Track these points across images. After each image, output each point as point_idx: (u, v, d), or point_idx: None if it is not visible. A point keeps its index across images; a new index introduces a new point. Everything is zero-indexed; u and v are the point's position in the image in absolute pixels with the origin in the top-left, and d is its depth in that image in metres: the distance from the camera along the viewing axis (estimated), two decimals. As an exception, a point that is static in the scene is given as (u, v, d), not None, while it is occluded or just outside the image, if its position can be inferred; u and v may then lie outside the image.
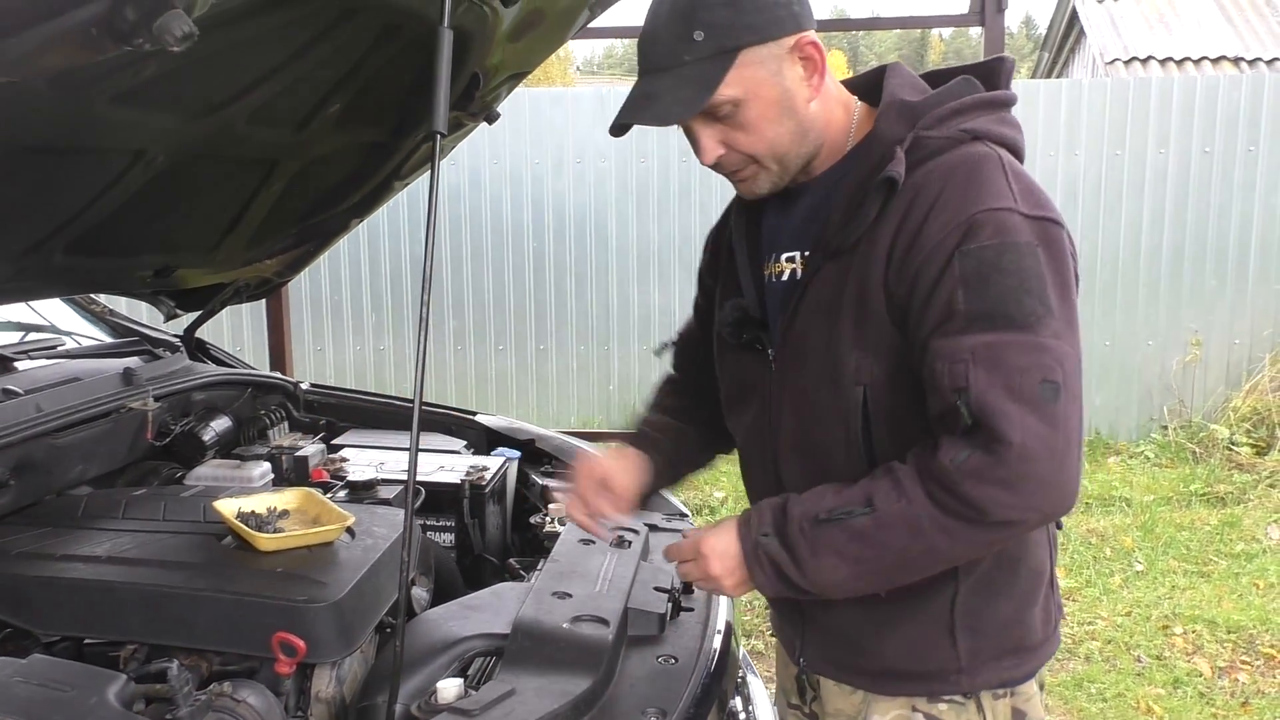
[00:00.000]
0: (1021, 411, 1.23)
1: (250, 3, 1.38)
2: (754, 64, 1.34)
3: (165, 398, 2.39)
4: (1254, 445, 6.35)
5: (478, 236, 6.79)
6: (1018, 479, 1.24)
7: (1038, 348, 1.24)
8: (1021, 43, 51.23)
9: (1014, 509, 1.26)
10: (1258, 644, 4.12)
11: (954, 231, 1.27)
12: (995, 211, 1.27)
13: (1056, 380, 1.24)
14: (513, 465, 2.64)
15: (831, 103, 1.44)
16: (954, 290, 1.27)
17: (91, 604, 1.64)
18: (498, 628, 1.74)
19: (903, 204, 1.33)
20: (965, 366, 1.25)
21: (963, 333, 1.26)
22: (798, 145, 1.41)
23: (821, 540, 1.33)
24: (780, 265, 1.50)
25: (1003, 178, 1.31)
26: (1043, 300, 1.25)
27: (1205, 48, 10.80)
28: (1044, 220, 1.30)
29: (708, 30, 1.32)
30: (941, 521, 1.28)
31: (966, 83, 1.43)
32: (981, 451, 1.24)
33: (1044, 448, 1.23)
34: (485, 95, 2.38)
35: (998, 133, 1.39)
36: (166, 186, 1.94)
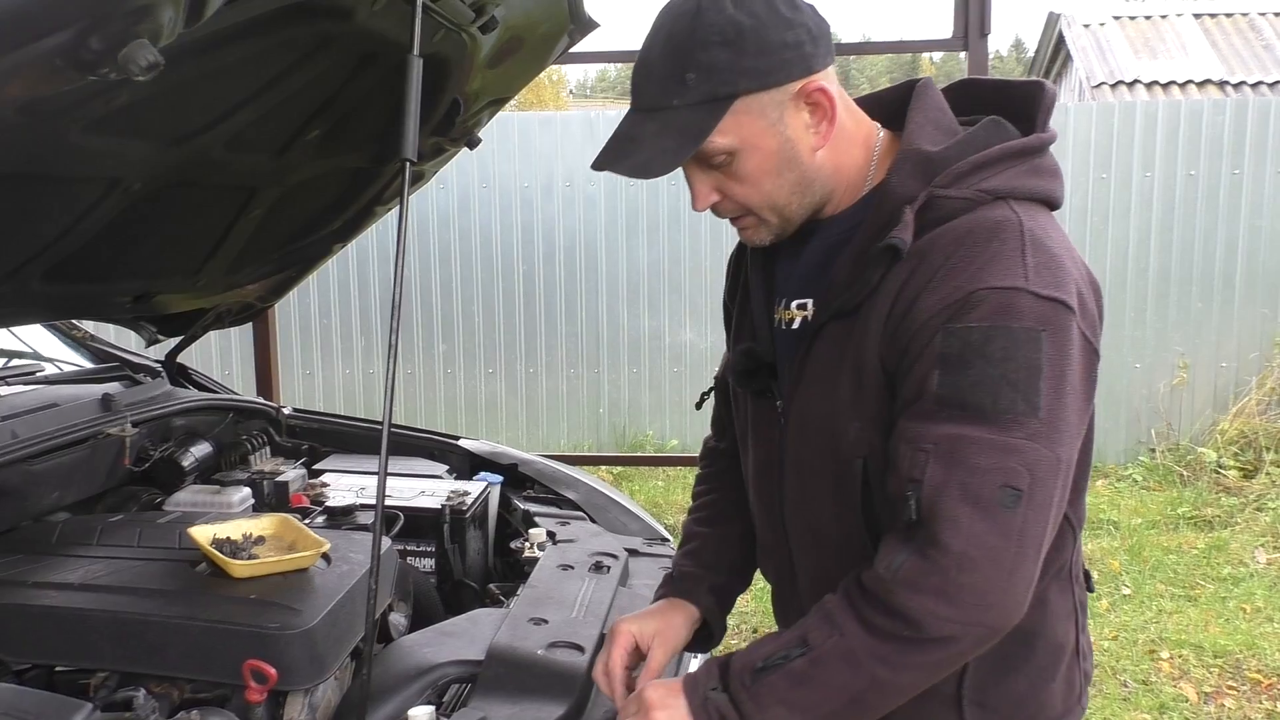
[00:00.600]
0: (972, 516, 1.12)
1: (220, 32, 1.39)
2: (752, 112, 1.22)
3: (144, 423, 2.39)
4: (1241, 468, 6.37)
5: (467, 260, 6.81)
6: (955, 590, 1.13)
7: (1006, 449, 1.12)
8: (1012, 65, 51.60)
9: (950, 623, 1.15)
10: (1244, 669, 4.12)
11: (948, 307, 1.16)
12: (997, 290, 1.14)
13: (1020, 487, 1.12)
14: (495, 490, 2.63)
15: (846, 144, 1.30)
16: (931, 369, 1.16)
17: (62, 631, 1.63)
18: (472, 654, 1.74)
19: (906, 270, 1.21)
20: (925, 456, 1.14)
21: (930, 418, 1.16)
22: (800, 197, 1.30)
23: (764, 691, 1.21)
24: (791, 312, 1.39)
25: (1018, 250, 1.17)
26: (1027, 396, 1.13)
27: (1191, 71, 10.90)
28: (1056, 303, 1.15)
29: (701, 73, 1.19)
30: (876, 649, 1.17)
31: (995, 126, 1.29)
32: (917, 557, 1.14)
33: (988, 558, 1.12)
34: (466, 121, 2.39)
35: (1027, 187, 1.24)
36: (144, 213, 1.94)
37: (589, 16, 2.22)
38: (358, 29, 1.68)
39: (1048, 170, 1.28)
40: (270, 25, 1.52)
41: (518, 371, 6.96)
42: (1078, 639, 1.41)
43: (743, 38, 1.19)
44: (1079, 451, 1.25)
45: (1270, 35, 11.65)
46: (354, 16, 1.64)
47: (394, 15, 1.69)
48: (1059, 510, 1.19)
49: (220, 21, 1.33)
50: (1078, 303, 1.18)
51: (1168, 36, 11.74)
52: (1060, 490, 1.17)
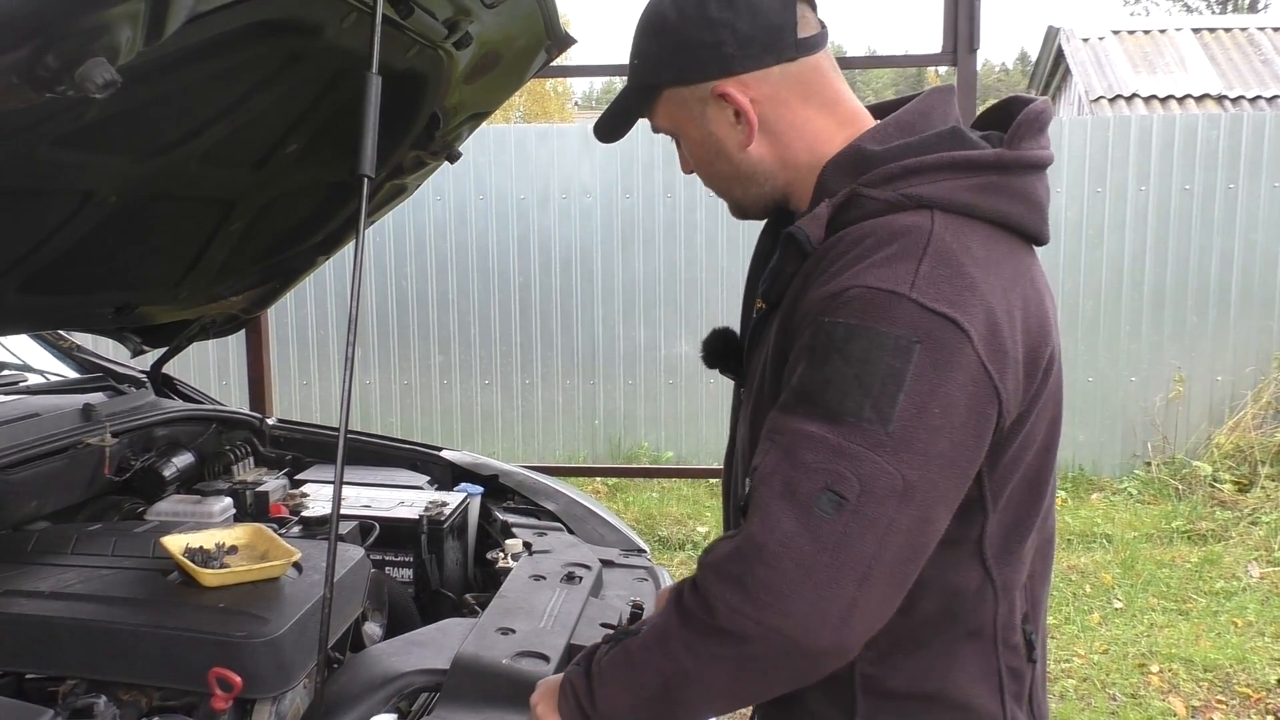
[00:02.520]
0: (784, 512, 1.06)
1: (187, 49, 1.41)
2: (675, 102, 1.28)
3: (125, 433, 2.40)
4: (1236, 482, 6.36)
5: (464, 271, 6.83)
6: (751, 582, 1.06)
7: (838, 451, 1.05)
8: (1017, 78, 51.63)
9: (742, 617, 1.06)
10: (1234, 683, 4.11)
11: (826, 301, 1.11)
12: (872, 290, 1.08)
13: (844, 495, 1.04)
14: (475, 501, 2.65)
15: (804, 140, 1.27)
16: (798, 362, 1.13)
17: (31, 639, 1.65)
18: (439, 663, 1.75)
19: (810, 265, 1.19)
20: (770, 446, 1.11)
21: (786, 410, 1.12)
22: (741, 185, 1.31)
23: (606, 667, 1.20)
24: (760, 302, 1.36)
25: (914, 257, 1.09)
26: (879, 405, 1.05)
27: (1190, 86, 10.91)
28: (943, 318, 1.07)
29: (639, 60, 1.29)
30: (680, 633, 1.13)
31: (952, 135, 1.22)
32: (728, 542, 1.10)
33: (794, 560, 1.04)
34: (446, 135, 2.41)
35: (965, 202, 1.15)
36: (121, 226, 1.96)
37: (566, 33, 2.25)
38: (327, 46, 1.71)
39: (1008, 191, 1.18)
40: (238, 43, 1.55)
41: (514, 383, 6.98)
42: (1005, 709, 1.25)
43: (664, 32, 1.25)
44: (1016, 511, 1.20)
45: (1269, 50, 11.66)
46: (323, 34, 1.66)
47: (363, 32, 1.71)
48: (917, 543, 1.08)
49: (185, 39, 1.35)
50: (983, 330, 1.08)
51: (1166, 51, 11.76)
52: (913, 520, 1.07)
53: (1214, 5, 27.52)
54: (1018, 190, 1.19)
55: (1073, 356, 6.77)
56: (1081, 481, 6.76)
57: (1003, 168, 1.18)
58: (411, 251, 6.81)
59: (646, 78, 1.29)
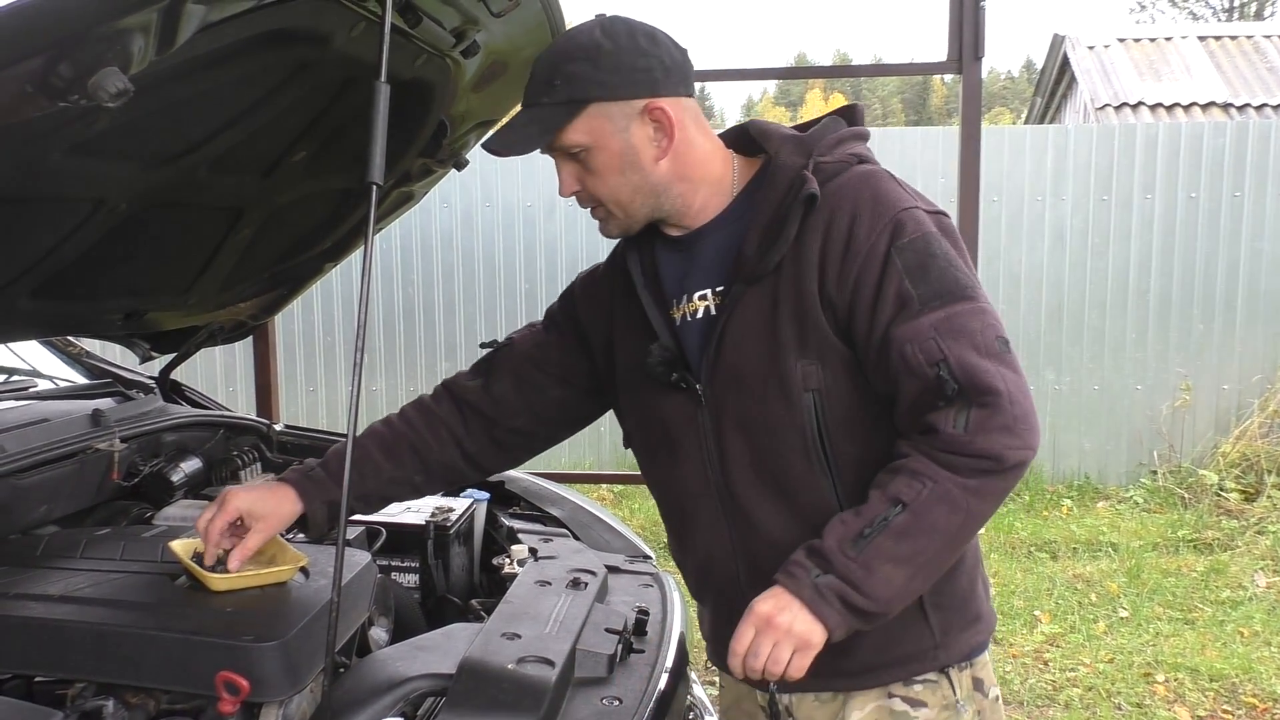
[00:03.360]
0: (995, 365, 1.39)
1: (198, 58, 1.42)
2: (602, 117, 1.49)
3: (134, 439, 2.41)
4: (1243, 491, 6.35)
5: (470, 279, 6.85)
6: (1014, 420, 1.38)
7: (981, 311, 1.42)
8: (1023, 86, 51.63)
9: (1020, 449, 1.38)
10: (1240, 693, 4.10)
11: (882, 233, 1.44)
12: (908, 210, 1.46)
13: (1004, 335, 1.42)
14: (481, 507, 2.66)
15: (701, 159, 1.57)
16: (900, 282, 1.42)
17: (40, 642, 1.65)
18: (445, 668, 1.75)
19: (822, 220, 1.47)
20: (934, 341, 1.39)
21: (919, 315, 1.41)
22: (642, 197, 1.55)
23: (870, 555, 1.39)
24: (694, 304, 1.60)
25: (898, 185, 1.51)
26: (965, 274, 1.45)
27: (1195, 94, 10.91)
28: (937, 213, 1.51)
29: (564, 80, 1.48)
30: (970, 485, 1.38)
31: (836, 120, 1.62)
32: (978, 408, 1.38)
33: (1019, 390, 1.39)
34: (453, 143, 2.43)
35: (871, 157, 1.60)
36: (131, 233, 1.98)
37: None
38: (336, 54, 1.72)
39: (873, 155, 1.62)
40: (248, 51, 1.56)
41: (520, 390, 6.98)
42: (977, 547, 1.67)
43: (600, 57, 1.48)
44: None
45: (1275, 58, 11.65)
46: (332, 42, 1.68)
47: (372, 40, 1.71)
48: None
49: (196, 48, 1.36)
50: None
51: (1172, 59, 11.76)
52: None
53: (1220, 13, 27.50)
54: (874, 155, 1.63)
55: (1078, 364, 6.78)
56: (1087, 490, 6.76)
57: (866, 136, 1.64)
58: (419, 258, 6.84)
59: (575, 94, 1.48)
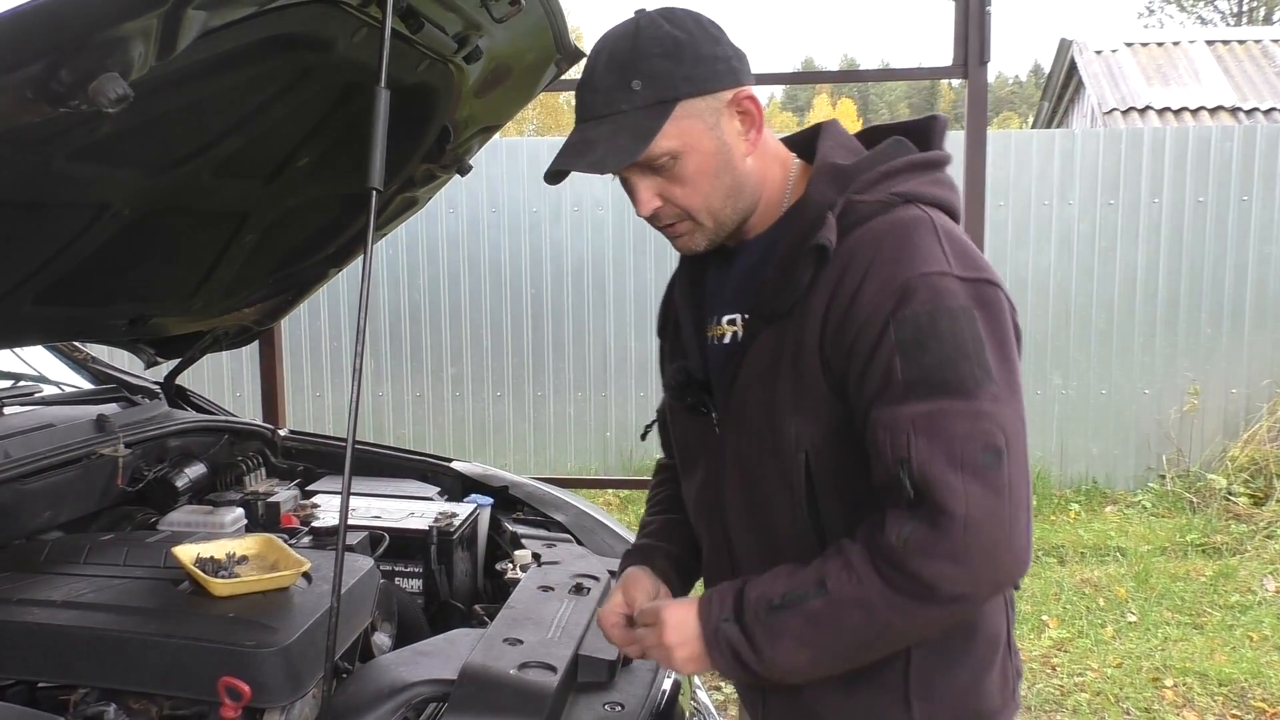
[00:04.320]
0: (964, 481, 1.20)
1: (200, 64, 1.43)
2: (691, 116, 1.34)
3: (138, 444, 2.42)
4: (1252, 495, 6.32)
5: (476, 283, 6.86)
6: (964, 551, 1.20)
7: (977, 414, 1.22)
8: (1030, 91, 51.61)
9: (964, 583, 1.22)
10: (1249, 697, 4.08)
11: (888, 298, 1.25)
12: (928, 276, 1.25)
13: (999, 446, 1.21)
14: (485, 512, 2.66)
15: (769, 159, 1.43)
16: (891, 358, 1.25)
17: (43, 648, 1.66)
18: (447, 673, 1.76)
19: (836, 270, 1.30)
20: (906, 437, 1.22)
21: (902, 401, 1.23)
22: (734, 201, 1.40)
23: (777, 626, 1.30)
24: (721, 328, 1.48)
25: (935, 241, 1.29)
26: (981, 364, 1.23)
27: (1204, 98, 10.88)
28: (979, 282, 1.28)
29: (646, 80, 1.32)
30: (894, 600, 1.25)
31: (898, 144, 1.41)
32: (926, 525, 1.21)
33: (989, 517, 1.20)
34: (456, 148, 2.43)
35: (930, 194, 1.36)
36: (135, 238, 1.98)
37: (576, 47, 2.26)
38: (339, 60, 1.72)
39: (947, 184, 1.41)
40: (251, 57, 1.57)
41: (526, 394, 7.00)
42: (1009, 634, 1.48)
43: (680, 49, 1.33)
44: None
45: (1284, 61, 11.62)
46: (334, 48, 1.68)
47: (374, 46, 1.71)
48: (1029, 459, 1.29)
49: (198, 54, 1.37)
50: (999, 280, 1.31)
51: (1180, 63, 11.73)
52: (1026, 437, 1.27)
53: (1228, 17, 27.44)
54: (950, 182, 1.42)
55: (1086, 369, 6.75)
56: (1095, 494, 6.73)
57: (940, 164, 1.43)
58: (424, 263, 6.84)
59: (663, 93, 1.32)
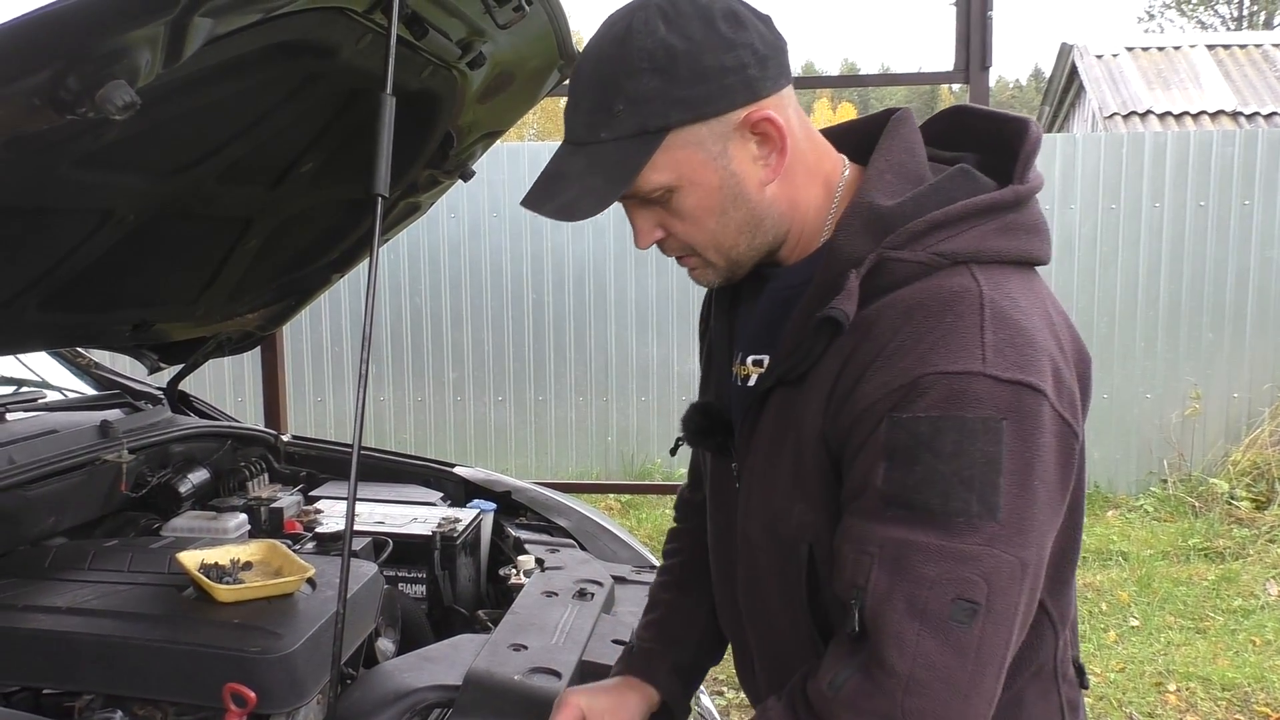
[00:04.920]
0: (920, 634, 1.00)
1: (205, 70, 1.43)
2: (689, 145, 1.09)
3: (141, 450, 2.42)
4: (1254, 500, 6.32)
5: (477, 288, 6.87)
6: (903, 715, 1.01)
7: (959, 556, 0.99)
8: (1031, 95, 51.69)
9: None
10: (1252, 702, 4.08)
11: (893, 392, 1.02)
12: (947, 375, 1.00)
13: (976, 600, 1.00)
14: (488, 517, 2.66)
15: (805, 178, 1.17)
16: (876, 462, 1.03)
17: (48, 654, 1.66)
18: (452, 679, 1.76)
19: (851, 342, 1.08)
20: (870, 560, 1.02)
21: (875, 517, 1.03)
22: (749, 237, 1.16)
23: None
24: (747, 368, 1.26)
25: (976, 326, 1.02)
26: (984, 495, 0.99)
27: (1204, 102, 10.89)
28: (1020, 386, 1.01)
29: (630, 104, 1.07)
30: None
31: (963, 176, 1.14)
32: (861, 675, 1.03)
33: (940, 680, 1.00)
34: (460, 154, 2.44)
35: (993, 249, 1.09)
36: (139, 244, 1.98)
37: (579, 52, 2.26)
38: (343, 66, 1.73)
39: (1024, 227, 1.12)
40: (256, 64, 1.57)
41: (527, 399, 7.00)
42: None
43: (675, 63, 1.06)
44: (1063, 540, 1.14)
45: (1284, 66, 11.64)
46: (339, 54, 1.68)
47: (379, 52, 1.72)
48: (1026, 614, 1.06)
49: (203, 61, 1.37)
50: (1052, 382, 1.04)
51: (1181, 68, 11.74)
52: (1028, 594, 1.04)
53: (1229, 22, 27.48)
54: (1031, 224, 1.14)
55: (1087, 373, 6.75)
56: (1097, 499, 6.73)
57: (1017, 205, 1.13)
58: (426, 268, 6.85)
59: (650, 121, 1.07)
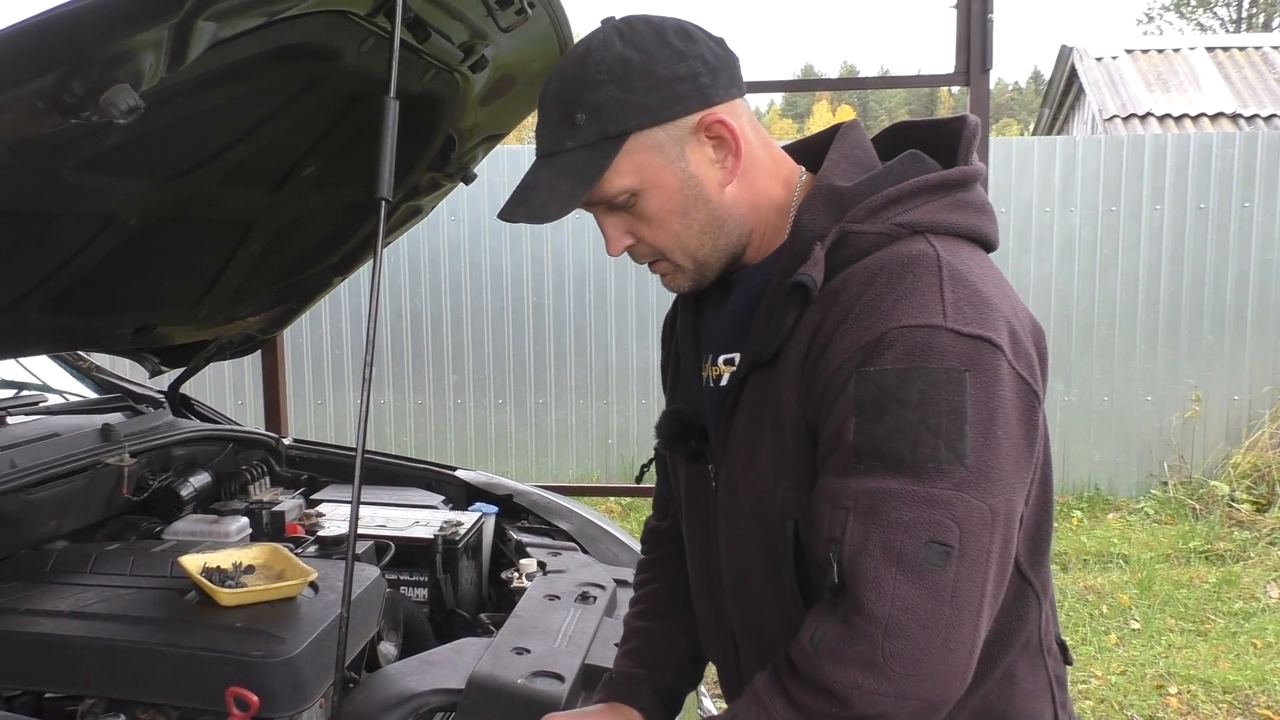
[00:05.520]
0: (896, 578, 1.03)
1: (209, 74, 1.43)
2: (648, 150, 1.17)
3: (143, 453, 2.42)
4: (1254, 502, 6.32)
5: (477, 291, 6.87)
6: (885, 660, 1.03)
7: (930, 501, 1.03)
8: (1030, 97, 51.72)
9: (881, 696, 1.04)
10: (1254, 705, 4.07)
11: (860, 349, 1.07)
12: (911, 329, 1.06)
13: (949, 542, 1.02)
14: (489, 520, 2.65)
15: (764, 181, 1.24)
16: (847, 418, 1.07)
17: (50, 658, 1.66)
18: (454, 683, 1.76)
19: (819, 312, 1.13)
20: (845, 514, 1.06)
21: (848, 472, 1.07)
22: (713, 237, 1.22)
23: None
24: (718, 368, 1.31)
25: (935, 285, 1.08)
26: (951, 442, 1.03)
27: (1204, 105, 10.90)
28: (979, 340, 1.06)
29: (590, 113, 1.15)
30: None
31: (913, 159, 1.22)
32: (841, 625, 1.05)
33: (918, 623, 1.02)
34: (461, 157, 2.44)
35: (948, 222, 1.16)
36: (141, 247, 1.99)
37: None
38: (346, 69, 1.73)
39: (972, 205, 1.20)
40: (259, 67, 1.57)
41: (527, 402, 7.00)
42: (1056, 717, 1.29)
43: (630, 74, 1.15)
44: (1033, 508, 1.18)
45: (1284, 68, 11.64)
46: (342, 57, 1.69)
47: (381, 55, 1.72)
48: (1001, 567, 1.08)
49: (207, 64, 1.37)
50: (1009, 341, 1.09)
51: (1180, 70, 11.75)
52: (1000, 545, 1.07)
53: (1228, 24, 27.52)
54: (979, 204, 1.21)
55: (1088, 376, 6.75)
56: (1098, 501, 6.73)
57: (965, 184, 1.20)
58: (426, 271, 6.85)
59: (609, 127, 1.15)
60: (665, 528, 1.56)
